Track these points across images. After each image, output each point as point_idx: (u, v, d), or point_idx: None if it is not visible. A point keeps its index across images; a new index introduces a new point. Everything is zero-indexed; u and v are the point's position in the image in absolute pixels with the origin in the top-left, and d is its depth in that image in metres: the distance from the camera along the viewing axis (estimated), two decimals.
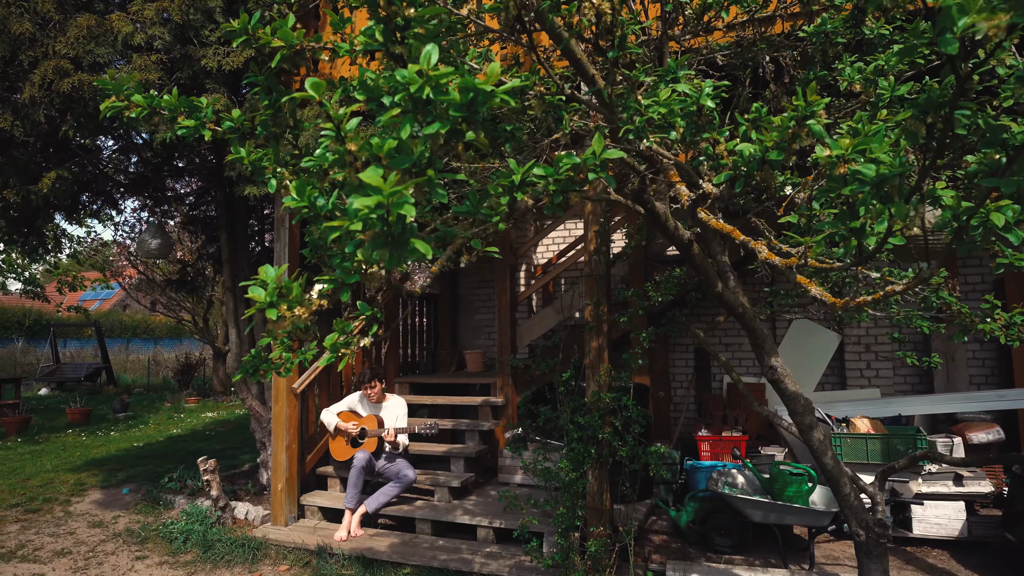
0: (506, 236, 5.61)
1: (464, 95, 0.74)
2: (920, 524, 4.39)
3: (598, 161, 1.03)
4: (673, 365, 6.89)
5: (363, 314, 1.22)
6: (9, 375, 15.39)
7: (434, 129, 0.77)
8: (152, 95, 1.22)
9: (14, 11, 3.35)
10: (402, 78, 0.73)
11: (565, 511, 3.63)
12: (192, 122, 1.20)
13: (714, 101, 1.27)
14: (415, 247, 0.73)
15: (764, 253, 1.35)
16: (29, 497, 5.97)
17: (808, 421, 2.90)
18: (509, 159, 1.07)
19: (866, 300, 1.29)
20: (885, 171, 0.86)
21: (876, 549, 2.94)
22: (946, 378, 5.66)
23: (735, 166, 1.16)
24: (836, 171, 0.94)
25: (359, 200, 0.67)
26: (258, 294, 0.97)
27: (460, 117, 0.76)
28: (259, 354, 1.60)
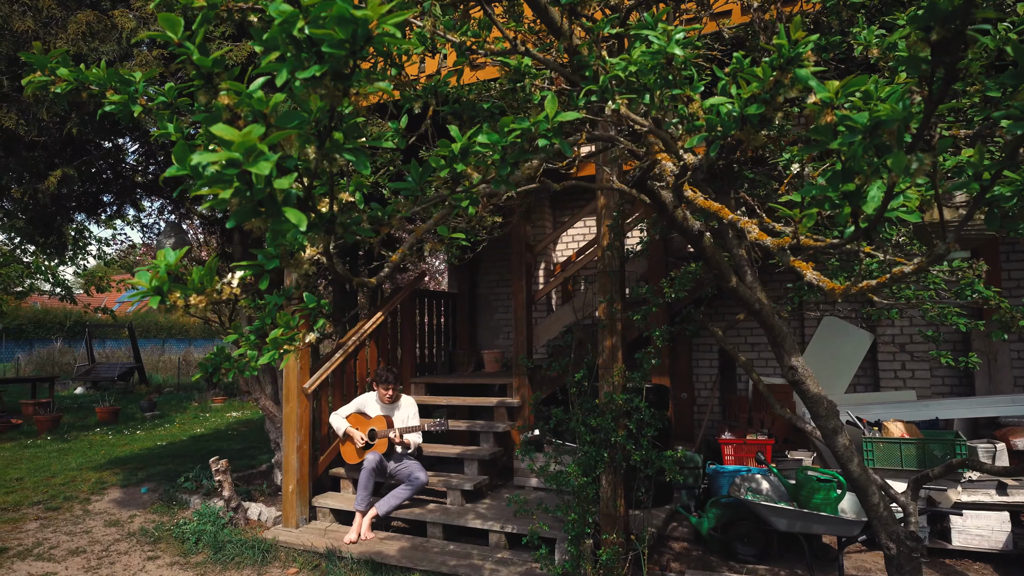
0: (521, 233, 5.47)
1: (344, 28, 0.61)
2: (960, 535, 4.12)
3: (551, 125, 0.89)
4: (697, 365, 6.67)
5: (308, 306, 1.11)
6: (46, 375, 15.81)
7: (309, 74, 0.64)
8: (79, 68, 1.12)
9: (16, 8, 3.35)
10: (275, 13, 0.61)
11: (576, 517, 3.47)
12: (122, 97, 1.10)
13: (685, 49, 1.10)
14: (287, 217, 0.61)
15: (754, 233, 1.18)
16: (51, 495, 6.04)
17: (832, 425, 2.70)
18: (450, 127, 0.94)
19: (870, 284, 1.11)
20: (881, 114, 0.70)
21: (908, 564, 2.73)
22: (988, 379, 5.34)
23: (710, 126, 1.00)
24: (822, 120, 0.78)
25: (202, 155, 0.55)
26: (143, 279, 0.85)
27: (342, 56, 0.63)
28: (221, 352, 1.50)
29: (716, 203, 1.31)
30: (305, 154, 0.71)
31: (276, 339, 1.16)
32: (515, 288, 5.52)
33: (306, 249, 1.00)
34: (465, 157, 0.93)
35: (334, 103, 0.68)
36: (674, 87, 1.09)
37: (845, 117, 0.73)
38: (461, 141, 0.91)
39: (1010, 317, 2.24)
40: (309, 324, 1.16)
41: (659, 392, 5.00)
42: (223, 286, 0.96)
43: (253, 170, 0.56)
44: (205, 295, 0.91)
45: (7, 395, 13.62)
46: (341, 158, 0.74)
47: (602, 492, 3.73)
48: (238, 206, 0.59)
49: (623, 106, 1.20)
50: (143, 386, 16.31)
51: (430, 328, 7.09)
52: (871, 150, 0.72)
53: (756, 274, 2.91)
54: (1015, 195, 0.89)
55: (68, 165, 4.00)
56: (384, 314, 5.92)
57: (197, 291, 0.89)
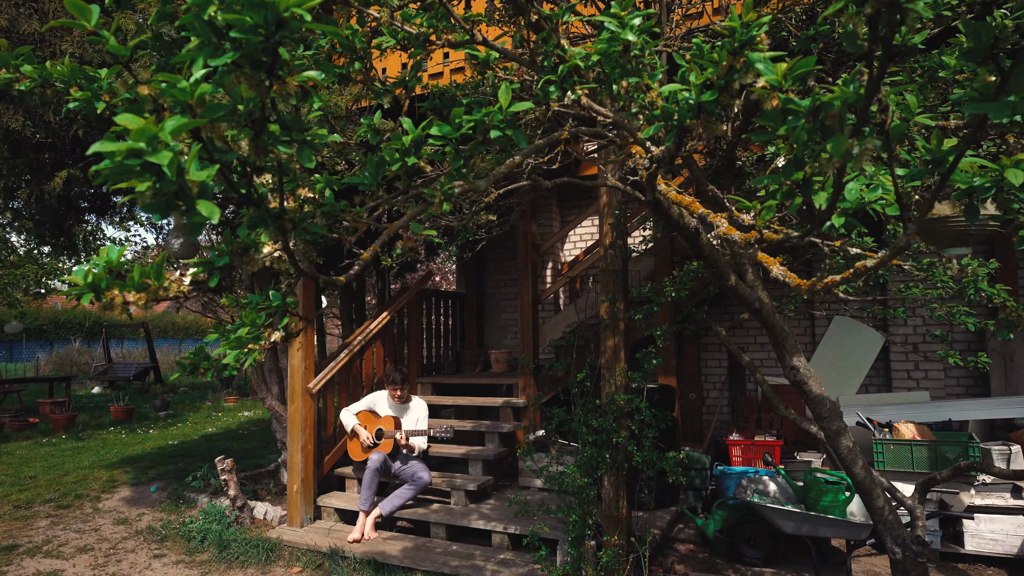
0: (527, 232, 5.45)
1: (255, 12, 0.58)
2: (973, 539, 4.02)
3: (504, 116, 0.86)
4: (705, 366, 6.59)
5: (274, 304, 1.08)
6: (64, 374, 16.06)
7: (222, 60, 0.62)
8: (43, 65, 1.11)
9: (23, 11, 3.39)
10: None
11: (577, 518, 3.44)
12: (85, 94, 1.08)
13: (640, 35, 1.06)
14: (199, 210, 0.59)
15: (723, 227, 1.14)
16: (63, 493, 6.11)
17: (835, 427, 2.64)
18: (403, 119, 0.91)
19: (835, 280, 1.07)
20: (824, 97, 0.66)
21: (914, 569, 2.66)
22: (1004, 380, 5.22)
23: (666, 115, 0.96)
24: (768, 105, 0.74)
25: (102, 145, 0.53)
26: (78, 276, 0.84)
27: (258, 43, 0.61)
28: (200, 351, 1.48)
29: (687, 197, 1.27)
30: (239, 147, 0.69)
31: (241, 338, 1.14)
32: (520, 288, 5.49)
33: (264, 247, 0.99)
34: (418, 150, 0.90)
35: (262, 93, 0.66)
36: (631, 75, 1.06)
37: (788, 100, 0.69)
38: (413, 133, 0.88)
39: (1016, 316, 2.17)
40: (275, 323, 1.15)
41: (665, 392, 4.95)
42: (171, 283, 0.95)
43: (154, 160, 0.54)
44: (147, 292, 0.89)
45: (25, 394, 13.84)
46: (278, 151, 0.71)
47: (604, 493, 3.69)
48: (151, 199, 0.57)
49: (583, 96, 1.16)
50: (159, 385, 16.49)
51: (437, 328, 7.08)
52: (816, 135, 0.68)
53: (758, 273, 2.85)
54: (993, 186, 0.85)
55: (74, 166, 4.05)
56: (390, 314, 5.92)
57: (137, 288, 0.88)
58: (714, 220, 1.15)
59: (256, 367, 5.85)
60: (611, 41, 1.03)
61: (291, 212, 0.87)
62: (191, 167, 0.57)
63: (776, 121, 0.73)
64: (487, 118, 0.90)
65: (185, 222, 0.62)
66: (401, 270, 8.94)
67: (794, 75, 0.74)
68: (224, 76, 0.64)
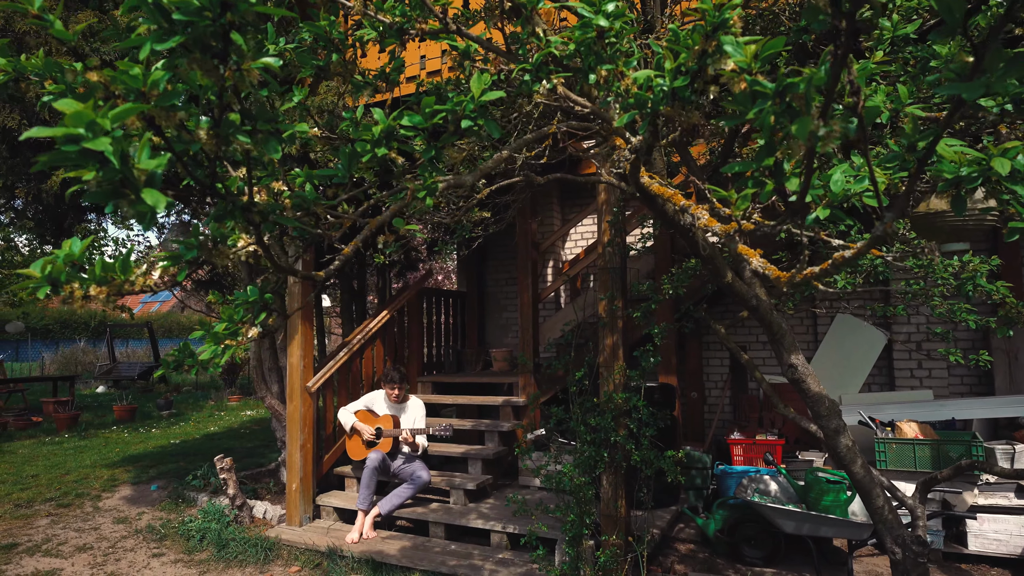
0: (527, 230, 5.42)
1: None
2: (977, 540, 3.98)
3: (476, 105, 0.84)
4: (707, 364, 6.56)
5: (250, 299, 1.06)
6: (68, 374, 16.12)
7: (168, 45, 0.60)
8: (17, 59, 1.09)
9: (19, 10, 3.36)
10: None
11: (575, 518, 3.41)
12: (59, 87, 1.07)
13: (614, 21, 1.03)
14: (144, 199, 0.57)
15: (704, 219, 1.12)
16: (64, 492, 6.12)
17: (834, 425, 2.61)
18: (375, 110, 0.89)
19: (813, 271, 1.04)
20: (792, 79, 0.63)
21: (914, 569, 2.63)
22: (1008, 379, 5.17)
23: (640, 102, 0.93)
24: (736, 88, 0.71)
25: (39, 131, 0.51)
26: (36, 269, 0.82)
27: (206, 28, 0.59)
28: (185, 348, 1.47)
29: (669, 189, 1.24)
30: (198, 136, 0.67)
31: (217, 334, 1.12)
32: (520, 286, 5.47)
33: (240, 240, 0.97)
34: (389, 141, 0.88)
35: (216, 79, 0.64)
36: (606, 62, 1.03)
37: (755, 82, 0.67)
38: (383, 123, 0.86)
39: (1016, 313, 2.14)
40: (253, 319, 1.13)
41: (665, 391, 4.92)
42: (137, 277, 0.93)
43: (91, 146, 0.52)
44: (109, 285, 0.87)
45: (30, 394, 13.89)
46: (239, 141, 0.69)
47: (602, 493, 3.67)
48: (95, 187, 0.55)
49: (559, 85, 1.14)
50: (163, 385, 16.53)
51: (438, 327, 7.06)
52: (784, 118, 0.66)
53: (756, 270, 2.82)
54: (981, 176, 0.82)
55: None
56: (390, 312, 5.90)
57: (99, 282, 0.86)
58: (695, 212, 1.12)
59: (256, 366, 5.84)
60: (584, 27, 1.00)
61: (260, 205, 0.85)
62: (142, 155, 0.55)
63: (745, 104, 0.70)
64: (459, 107, 0.87)
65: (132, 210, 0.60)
66: (403, 269, 8.93)
67: (763, 57, 0.72)
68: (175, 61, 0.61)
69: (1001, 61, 0.60)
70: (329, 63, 1.32)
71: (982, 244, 5.40)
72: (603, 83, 1.03)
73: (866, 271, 2.87)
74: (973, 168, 0.82)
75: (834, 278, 2.68)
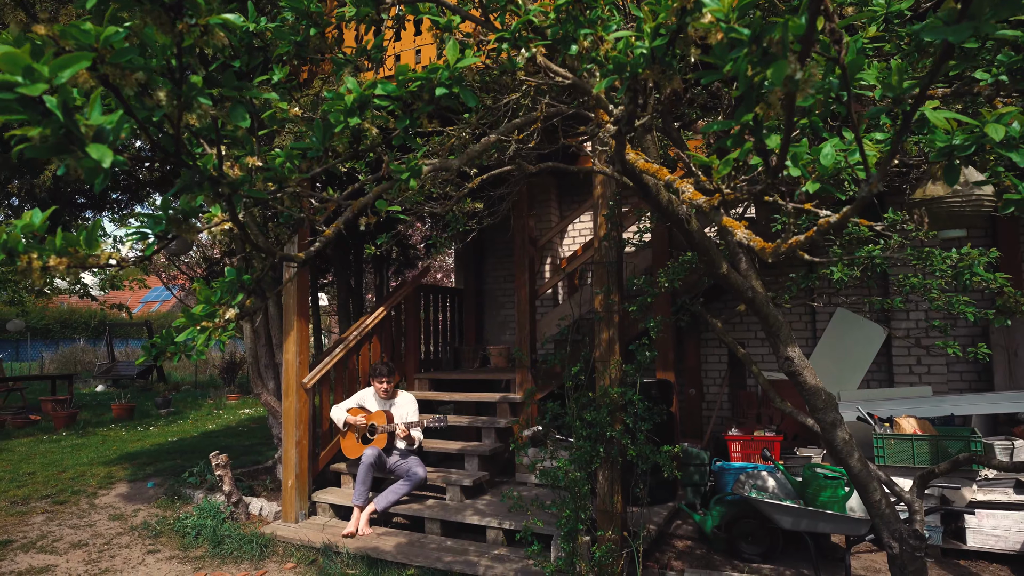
0: (524, 226, 5.40)
1: None
2: (975, 535, 3.95)
3: (450, 73, 0.81)
4: (706, 361, 6.53)
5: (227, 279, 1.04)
6: (67, 372, 16.10)
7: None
8: None
9: (8, 2, 3.36)
10: None
11: (570, 513, 3.39)
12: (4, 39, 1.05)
13: None
14: (90, 153, 0.54)
15: (689, 192, 1.09)
16: (60, 489, 6.10)
17: (831, 418, 2.59)
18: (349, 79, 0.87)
19: (799, 240, 1.01)
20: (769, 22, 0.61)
21: (912, 564, 2.60)
22: (1008, 375, 5.14)
23: (618, 66, 0.90)
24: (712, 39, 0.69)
25: None
26: None
27: None
28: (167, 335, 1.44)
29: (654, 165, 1.22)
30: (157, 98, 0.65)
31: (194, 315, 1.10)
32: (517, 282, 5.44)
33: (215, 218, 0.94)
34: (362, 111, 0.86)
35: (173, 36, 0.61)
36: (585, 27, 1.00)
37: (730, 29, 0.64)
38: (356, 92, 0.83)
39: (1015, 302, 2.11)
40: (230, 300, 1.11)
41: (662, 387, 4.90)
42: (103, 252, 0.90)
43: (27, 92, 0.49)
44: (70, 258, 0.84)
45: (28, 392, 13.88)
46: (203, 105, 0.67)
47: (599, 488, 3.64)
48: (40, 142, 0.53)
49: (540, 55, 1.11)
50: (161, 384, 16.50)
51: (435, 323, 7.04)
52: (761, 66, 0.63)
53: (752, 262, 2.80)
54: (974, 144, 0.79)
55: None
56: (387, 309, 5.88)
57: (59, 252, 0.83)
58: (680, 186, 1.10)
59: (252, 362, 5.82)
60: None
61: (230, 177, 0.83)
62: (92, 111, 0.53)
63: (722, 57, 0.68)
64: (433, 75, 0.85)
65: (80, 166, 0.57)
66: (400, 267, 8.91)
67: (740, 7, 0.69)
68: (123, 11, 0.59)
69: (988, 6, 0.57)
70: (307, 38, 1.29)
71: (981, 240, 5.38)
72: (584, 53, 1.01)
73: (863, 264, 2.84)
74: (966, 136, 0.79)
75: (831, 269, 2.66)
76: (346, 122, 0.86)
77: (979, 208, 1.53)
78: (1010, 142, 0.76)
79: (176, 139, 0.69)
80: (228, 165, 0.89)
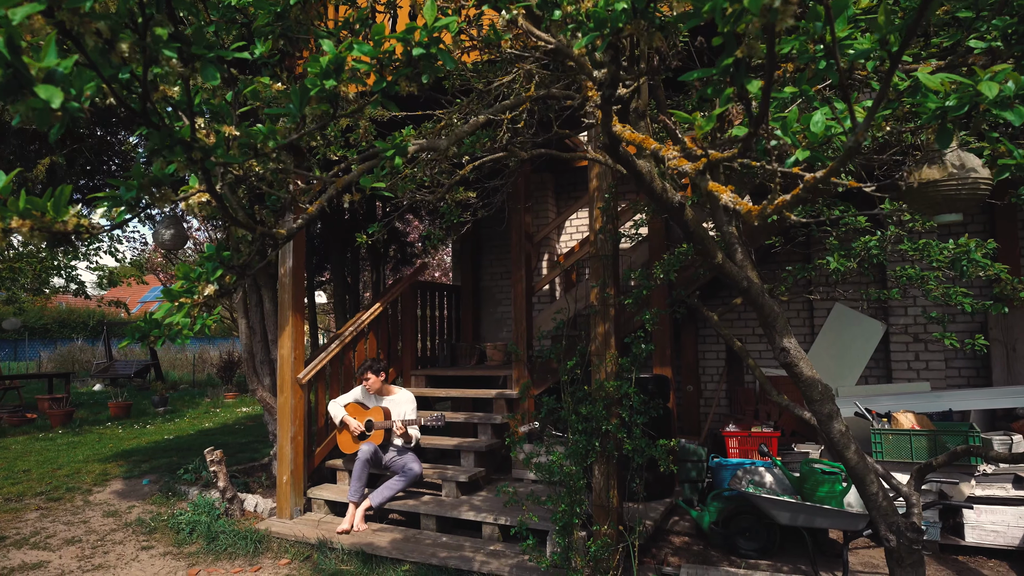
0: (520, 222, 5.38)
1: None
2: (974, 531, 3.93)
3: (428, 33, 0.79)
4: (703, 358, 6.51)
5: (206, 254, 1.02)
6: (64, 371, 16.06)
7: None
8: None
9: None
10: None
11: (566, 508, 3.36)
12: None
13: None
14: (38, 93, 0.52)
15: (675, 159, 1.06)
16: (54, 486, 6.07)
17: (827, 410, 2.57)
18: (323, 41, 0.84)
19: (785, 200, 0.99)
20: None
21: (909, 557, 2.58)
22: (1007, 370, 5.12)
23: (598, 22, 0.87)
24: None
25: None
26: None
27: None
28: (150, 319, 1.42)
29: (640, 135, 1.19)
30: (119, 50, 0.62)
31: (172, 291, 1.07)
32: (514, 278, 5.42)
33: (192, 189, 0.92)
34: (339, 73, 0.83)
35: None
36: None
37: None
38: (332, 53, 0.81)
39: (1011, 289, 2.09)
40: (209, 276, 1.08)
41: (659, 382, 4.88)
42: (71, 217, 0.88)
43: None
44: (33, 220, 0.82)
45: (26, 391, 13.85)
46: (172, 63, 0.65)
47: (594, 483, 3.62)
48: None
49: (521, 17, 1.08)
50: (159, 383, 16.47)
51: (432, 320, 7.01)
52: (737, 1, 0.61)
53: (748, 253, 2.78)
54: (967, 104, 0.76)
55: (57, 154, 3.98)
56: (383, 305, 5.86)
57: (22, 215, 0.80)
58: (665, 153, 1.07)
59: (248, 358, 5.79)
60: None
61: (203, 142, 0.80)
62: (46, 54, 0.51)
63: None
64: (410, 35, 0.82)
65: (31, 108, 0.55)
66: (398, 264, 8.88)
67: None
68: None
69: None
70: (288, 8, 1.26)
71: (980, 234, 5.36)
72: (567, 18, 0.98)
73: (860, 255, 2.82)
74: (959, 95, 0.77)
75: (827, 259, 2.63)
76: (322, 84, 0.84)
77: (975, 191, 1.51)
78: (1004, 101, 0.74)
79: (143, 97, 0.67)
80: (203, 133, 0.87)
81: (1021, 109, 0.72)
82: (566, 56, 1.13)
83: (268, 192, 1.38)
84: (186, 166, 0.81)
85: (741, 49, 0.64)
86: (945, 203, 1.54)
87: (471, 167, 2.11)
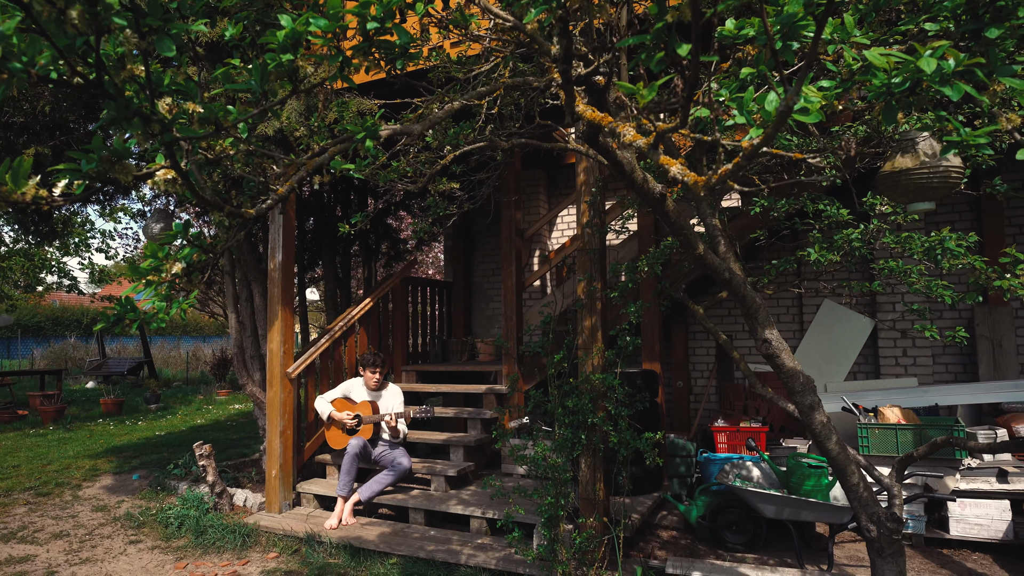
0: (511, 218, 5.38)
1: None
2: (958, 524, 3.96)
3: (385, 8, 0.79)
4: (693, 354, 6.53)
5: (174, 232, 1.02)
6: (56, 368, 16.00)
7: None
8: None
9: None
10: None
11: (552, 500, 3.37)
12: None
13: None
14: None
15: (629, 135, 1.07)
16: (43, 481, 6.05)
17: (808, 401, 2.58)
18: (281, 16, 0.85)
19: (727, 169, 1.00)
20: None
21: (889, 547, 2.60)
22: (993, 366, 5.16)
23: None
24: None
25: None
26: None
27: None
28: (126, 303, 1.42)
29: (599, 113, 1.20)
30: (69, 17, 0.63)
31: (140, 268, 1.08)
32: (504, 274, 5.43)
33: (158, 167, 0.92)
34: (296, 48, 0.84)
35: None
36: None
37: None
38: (288, 27, 0.82)
39: (985, 279, 2.11)
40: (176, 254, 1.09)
41: (647, 377, 4.89)
42: (30, 188, 0.88)
43: None
44: None
45: (18, 388, 13.80)
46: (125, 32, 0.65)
47: (581, 476, 3.63)
48: None
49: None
50: (152, 380, 16.43)
51: (423, 316, 7.01)
52: None
53: (731, 245, 2.80)
54: (910, 80, 0.77)
55: (44, 145, 3.97)
56: (374, 300, 5.86)
57: None
58: (621, 129, 1.08)
59: (238, 353, 5.79)
60: None
61: (161, 114, 0.81)
62: None
63: None
64: (366, 11, 0.83)
65: None
66: (389, 261, 8.88)
67: None
68: None
69: None
70: None
71: (969, 229, 5.39)
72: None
73: (842, 248, 2.83)
74: (903, 72, 0.78)
75: (808, 251, 2.65)
76: (279, 59, 0.85)
77: (946, 179, 1.52)
78: (943, 77, 0.75)
79: (97, 65, 0.67)
80: (166, 109, 0.87)
81: (960, 85, 0.73)
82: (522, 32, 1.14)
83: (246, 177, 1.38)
84: (145, 138, 0.82)
85: (671, 14, 0.65)
86: (918, 191, 1.56)
87: (452, 156, 2.12)
